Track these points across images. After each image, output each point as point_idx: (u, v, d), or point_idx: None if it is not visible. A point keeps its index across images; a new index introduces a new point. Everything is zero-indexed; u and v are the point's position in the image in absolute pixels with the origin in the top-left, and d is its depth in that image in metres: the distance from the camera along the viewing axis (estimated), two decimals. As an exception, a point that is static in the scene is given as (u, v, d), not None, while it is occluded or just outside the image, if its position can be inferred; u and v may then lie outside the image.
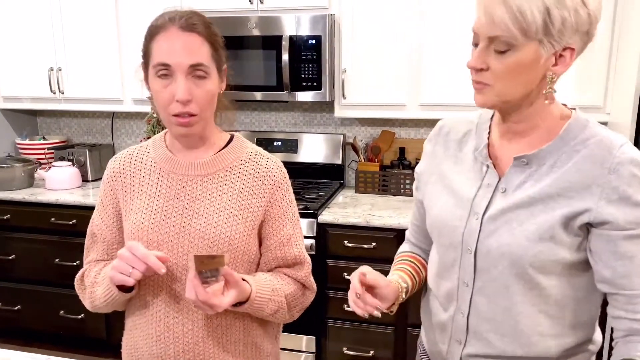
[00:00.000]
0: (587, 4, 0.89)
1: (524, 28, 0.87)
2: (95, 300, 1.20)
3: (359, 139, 3.06)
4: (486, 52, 0.92)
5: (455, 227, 1.05)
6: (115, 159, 1.26)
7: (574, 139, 0.97)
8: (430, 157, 1.17)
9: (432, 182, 1.14)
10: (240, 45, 2.66)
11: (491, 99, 0.96)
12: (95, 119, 3.47)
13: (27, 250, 2.92)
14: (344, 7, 2.60)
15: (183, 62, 1.06)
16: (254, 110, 3.20)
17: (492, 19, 0.88)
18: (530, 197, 0.97)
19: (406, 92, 2.60)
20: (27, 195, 2.86)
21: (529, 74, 0.92)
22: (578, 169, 0.95)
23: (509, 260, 0.98)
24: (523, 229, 0.97)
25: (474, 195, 1.04)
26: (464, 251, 1.05)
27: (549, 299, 1.00)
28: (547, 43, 0.89)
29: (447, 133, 1.14)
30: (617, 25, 2.30)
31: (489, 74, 0.93)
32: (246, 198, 1.18)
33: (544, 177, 0.97)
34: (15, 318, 3.03)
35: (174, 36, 1.07)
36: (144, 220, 1.17)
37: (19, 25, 3.04)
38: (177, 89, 1.07)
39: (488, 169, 1.04)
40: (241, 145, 1.24)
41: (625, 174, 0.91)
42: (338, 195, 2.89)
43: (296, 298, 1.24)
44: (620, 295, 0.96)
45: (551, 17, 0.87)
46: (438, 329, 1.16)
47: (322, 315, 2.57)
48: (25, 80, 3.10)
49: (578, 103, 2.39)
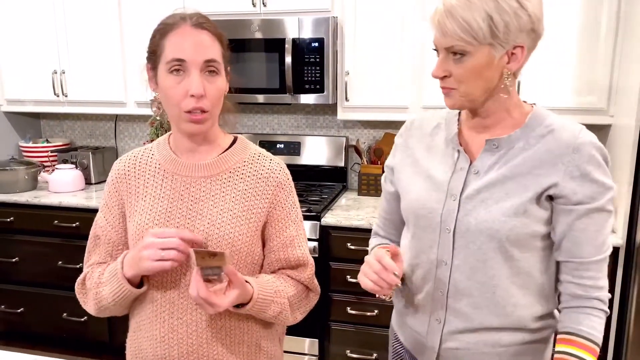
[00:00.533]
0: (526, 7, 1.00)
1: (473, 35, 0.99)
2: (102, 301, 1.19)
3: (362, 142, 3.06)
4: (446, 60, 1.05)
5: (433, 209, 1.14)
6: (120, 160, 1.27)
7: (539, 125, 1.09)
8: (402, 149, 1.26)
9: (407, 171, 1.23)
10: (243, 48, 2.67)
11: (458, 100, 1.08)
12: (98, 121, 3.48)
13: (30, 253, 2.93)
14: (347, 10, 2.60)
15: (198, 58, 1.09)
16: (256, 112, 3.20)
17: (445, 31, 1.01)
18: (503, 175, 1.08)
19: (409, 95, 2.60)
20: (30, 198, 2.87)
21: (487, 73, 1.04)
22: (545, 149, 1.07)
23: (486, 236, 1.08)
24: (499, 206, 1.07)
25: (449, 178, 1.14)
26: (442, 231, 1.13)
27: (521, 270, 1.10)
28: (497, 45, 1.01)
29: (418, 127, 1.25)
30: (620, 28, 2.29)
31: (452, 80, 1.06)
32: (249, 199, 1.19)
33: (514, 158, 1.08)
34: (18, 321, 3.04)
35: (187, 33, 1.09)
36: (148, 221, 1.17)
37: (23, 28, 3.05)
38: (191, 83, 1.08)
39: (459, 154, 1.14)
40: (244, 146, 1.25)
41: (586, 153, 1.04)
42: (341, 197, 2.89)
43: (300, 300, 1.24)
44: (570, 262, 1.08)
45: (494, 23, 0.99)
46: (415, 312, 1.23)
47: (325, 317, 2.57)
48: (28, 83, 3.11)
49: (581, 106, 2.40)
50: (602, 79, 2.36)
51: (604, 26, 2.32)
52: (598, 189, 1.05)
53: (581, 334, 1.06)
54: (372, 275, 1.11)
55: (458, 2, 0.99)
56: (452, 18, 1.00)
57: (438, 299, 1.17)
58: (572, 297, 1.09)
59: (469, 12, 0.98)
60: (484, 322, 1.14)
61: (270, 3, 2.68)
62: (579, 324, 1.07)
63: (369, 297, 2.45)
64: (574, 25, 2.35)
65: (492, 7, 0.98)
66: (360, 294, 2.47)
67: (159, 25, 1.13)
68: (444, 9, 1.01)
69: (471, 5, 0.98)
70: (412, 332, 1.27)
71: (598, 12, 2.31)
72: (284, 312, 1.20)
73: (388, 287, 1.11)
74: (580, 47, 2.36)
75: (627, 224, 2.17)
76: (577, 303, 1.09)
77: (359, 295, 2.49)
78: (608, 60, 2.34)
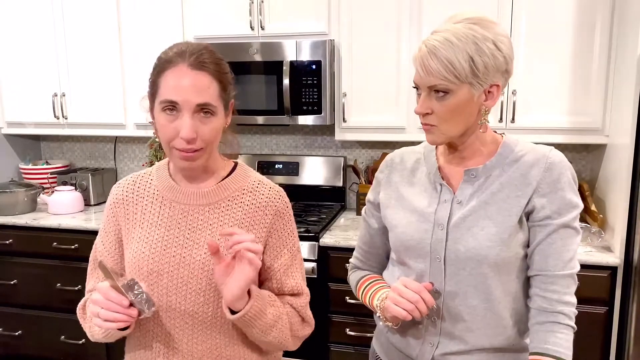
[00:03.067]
0: (501, 49, 1.07)
1: (456, 74, 1.05)
2: (94, 335, 1.18)
3: (360, 162, 3.08)
4: (429, 98, 1.10)
5: (421, 239, 1.18)
6: (119, 185, 1.26)
7: (511, 152, 1.16)
8: (385, 184, 1.30)
9: (392, 205, 1.26)
10: (242, 70, 2.70)
11: (439, 137, 1.13)
12: (98, 143, 3.50)
13: (29, 275, 2.92)
14: (343, 33, 2.64)
15: (190, 101, 1.05)
16: (255, 133, 3.23)
17: (430, 70, 1.06)
18: (484, 202, 1.14)
19: (405, 115, 2.62)
20: (29, 220, 2.87)
21: (466, 110, 1.10)
22: (520, 173, 1.13)
23: (475, 262, 1.13)
24: (485, 232, 1.12)
25: (435, 210, 1.18)
26: (432, 260, 1.17)
27: (508, 292, 1.15)
28: (476, 84, 1.07)
29: (399, 162, 1.30)
30: (614, 48, 2.33)
31: (434, 117, 1.11)
32: (247, 228, 1.18)
33: (491, 185, 1.14)
34: (16, 344, 3.01)
35: (183, 74, 1.06)
36: (144, 249, 1.16)
37: (24, 51, 3.09)
38: (182, 126, 1.06)
39: (442, 187, 1.19)
40: (244, 174, 1.23)
41: (556, 171, 1.11)
42: (339, 217, 2.90)
43: (294, 323, 1.20)
44: (537, 275, 1.13)
45: (475, 64, 1.05)
46: (406, 338, 1.25)
47: (325, 339, 2.55)
48: (29, 105, 3.14)
49: (576, 126, 2.42)
50: (596, 98, 2.39)
51: (597, 45, 2.36)
52: (566, 205, 1.11)
53: (548, 352, 1.09)
54: (408, 305, 1.12)
55: (441, 43, 1.05)
56: (436, 58, 1.05)
57: (431, 325, 1.20)
58: (538, 311, 1.13)
59: (452, 52, 1.04)
60: (476, 344, 1.17)
61: (268, 27, 2.72)
62: (545, 343, 1.10)
63: (368, 318, 2.44)
64: (568, 45, 2.39)
65: (473, 50, 1.04)
66: (360, 315, 2.46)
67: (158, 59, 1.11)
68: (427, 49, 1.06)
69: (454, 46, 1.04)
70: (400, 355, 1.28)
71: (592, 31, 2.35)
72: (280, 325, 1.15)
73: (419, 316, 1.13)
74: (575, 67, 2.39)
75: (624, 243, 2.17)
76: (543, 318, 1.12)
77: (358, 317, 2.48)
78: (602, 80, 2.37)
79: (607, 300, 2.21)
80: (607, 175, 2.43)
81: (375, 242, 1.35)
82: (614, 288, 2.20)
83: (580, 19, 2.36)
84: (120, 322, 1.03)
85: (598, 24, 2.34)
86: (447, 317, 1.18)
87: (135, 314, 1.04)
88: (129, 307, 1.04)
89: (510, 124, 2.47)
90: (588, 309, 2.20)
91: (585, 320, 2.22)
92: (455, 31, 1.05)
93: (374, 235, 1.35)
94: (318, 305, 1.31)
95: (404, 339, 1.26)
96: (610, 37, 2.33)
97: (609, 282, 2.19)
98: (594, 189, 2.64)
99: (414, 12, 2.54)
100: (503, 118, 2.48)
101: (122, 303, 1.02)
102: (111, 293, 1.02)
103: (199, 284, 1.14)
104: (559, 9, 2.37)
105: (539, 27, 2.41)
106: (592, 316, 2.22)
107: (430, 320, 1.20)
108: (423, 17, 2.53)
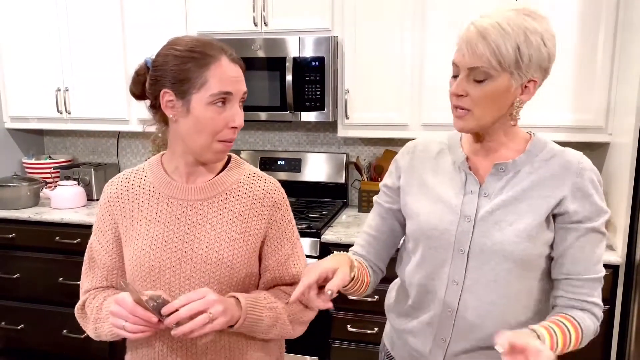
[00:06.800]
0: (547, 45, 1.07)
1: (500, 61, 1.03)
2: (101, 335, 1.19)
3: (362, 158, 3.07)
4: (466, 81, 1.08)
5: (446, 230, 1.16)
6: (112, 183, 1.25)
7: (540, 151, 1.15)
8: (407, 170, 1.27)
9: (414, 192, 1.24)
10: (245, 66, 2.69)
11: (470, 123, 1.11)
12: (101, 138, 3.51)
13: (31, 270, 2.93)
14: (347, 29, 2.64)
15: (241, 90, 1.14)
16: (258, 130, 3.23)
17: (475, 52, 1.05)
18: (513, 197, 1.12)
19: (408, 112, 2.62)
20: (32, 214, 2.88)
21: (502, 100, 1.08)
22: (551, 173, 1.13)
23: (500, 257, 1.11)
24: (513, 228, 1.11)
25: (461, 201, 1.16)
26: (455, 252, 1.16)
27: (526, 290, 1.15)
28: (517, 75, 1.06)
29: (422, 150, 1.27)
30: (617, 46, 2.32)
31: (468, 100, 1.09)
32: (246, 221, 1.19)
33: (522, 182, 1.13)
34: (19, 337, 3.03)
35: (230, 66, 1.12)
36: (145, 246, 1.16)
37: (27, 46, 3.09)
38: (235, 116, 1.12)
39: (468, 177, 1.18)
40: (239, 167, 1.25)
41: (587, 177, 1.12)
42: (341, 214, 2.90)
43: (295, 313, 1.21)
44: (566, 279, 1.12)
45: (521, 54, 1.04)
46: (418, 332, 1.23)
47: (326, 336, 2.56)
48: (32, 100, 3.14)
49: (578, 124, 2.42)
50: (599, 97, 2.38)
51: (601, 44, 2.35)
52: (597, 210, 1.11)
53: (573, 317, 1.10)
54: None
55: (492, 27, 1.03)
56: (485, 41, 1.03)
57: (445, 319, 1.19)
58: (565, 307, 1.13)
59: (501, 38, 1.03)
60: (488, 341, 1.15)
61: (271, 23, 2.72)
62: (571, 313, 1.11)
63: (370, 314, 2.45)
64: (571, 43, 2.38)
65: (522, 40, 1.03)
66: (361, 312, 2.47)
67: (194, 54, 1.10)
68: (476, 30, 1.05)
69: (504, 33, 1.03)
70: (411, 352, 1.27)
71: (596, 30, 2.35)
72: (281, 320, 1.17)
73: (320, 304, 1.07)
74: (578, 65, 2.39)
75: (626, 242, 2.17)
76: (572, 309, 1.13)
77: (360, 313, 2.48)
78: (606, 78, 2.36)
79: (609, 299, 2.20)
80: (610, 173, 2.43)
81: (385, 225, 1.32)
82: (616, 287, 2.20)
83: (585, 17, 2.35)
84: (147, 332, 1.06)
85: (602, 22, 2.33)
86: (462, 310, 1.16)
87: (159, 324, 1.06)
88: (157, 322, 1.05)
89: (513, 121, 2.47)
90: (589, 308, 2.21)
91: (586, 318, 2.23)
92: (508, 18, 1.04)
93: (386, 218, 1.31)
94: (319, 301, 1.30)
95: (415, 335, 1.25)
96: (615, 35, 2.32)
97: (610, 281, 2.19)
98: (597, 187, 2.64)
99: (417, 9, 2.53)
100: (506, 116, 2.47)
101: (150, 320, 1.04)
102: (138, 310, 1.03)
103: (201, 278, 1.15)
104: (563, 7, 2.37)
105: (543, 24, 2.40)
106: (594, 315, 2.22)
107: (446, 314, 1.18)
108: (427, 13, 2.52)
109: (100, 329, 1.18)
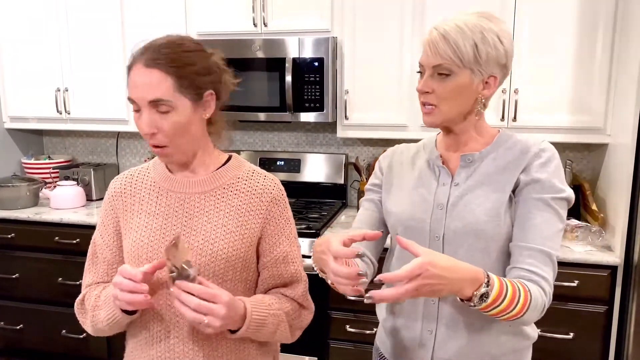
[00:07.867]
0: (503, 42, 1.16)
1: (461, 58, 1.13)
2: (97, 324, 1.20)
3: (361, 159, 3.08)
4: (431, 79, 1.17)
5: (421, 219, 1.24)
6: (117, 179, 1.29)
7: (505, 142, 1.24)
8: (387, 170, 1.37)
9: (392, 190, 1.33)
10: (245, 67, 2.70)
11: (437, 117, 1.20)
12: (100, 138, 3.51)
13: (31, 270, 2.93)
14: (346, 30, 2.64)
15: (144, 98, 1.10)
16: (257, 130, 3.23)
17: (437, 51, 1.15)
18: (479, 181, 1.21)
19: (407, 113, 2.63)
20: (31, 215, 2.88)
21: (464, 94, 1.17)
22: (513, 157, 1.21)
23: (473, 237, 1.18)
24: (481, 208, 1.18)
25: (434, 192, 1.25)
26: (432, 239, 1.23)
27: (504, 269, 1.18)
28: (477, 71, 1.15)
29: (401, 152, 1.38)
30: (616, 47, 2.33)
31: (433, 96, 1.18)
32: (243, 215, 1.20)
33: (487, 167, 1.22)
34: (18, 337, 3.03)
35: (138, 73, 1.11)
36: (143, 238, 1.18)
37: (27, 46, 3.09)
38: (141, 123, 1.12)
39: (441, 171, 1.26)
40: (239, 164, 1.26)
41: (545, 157, 1.18)
42: (340, 214, 2.90)
43: (294, 318, 1.24)
44: (516, 246, 1.16)
45: (479, 51, 1.14)
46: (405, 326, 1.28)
47: (325, 336, 2.56)
48: (31, 100, 3.15)
49: (577, 125, 2.42)
50: (598, 98, 2.39)
51: (600, 44, 2.36)
52: (550, 187, 1.16)
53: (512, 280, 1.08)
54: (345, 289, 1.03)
55: (452, 29, 1.15)
56: (445, 41, 1.14)
57: (429, 309, 1.24)
58: (517, 278, 1.12)
59: (460, 38, 1.13)
60: (473, 327, 1.20)
61: (271, 23, 2.72)
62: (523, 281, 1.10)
63: (368, 315, 2.45)
64: (570, 44, 2.39)
65: (479, 38, 1.14)
66: (360, 312, 2.47)
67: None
68: (438, 32, 1.16)
69: (463, 33, 1.14)
70: (401, 348, 1.30)
71: (594, 30, 2.35)
72: (283, 325, 1.19)
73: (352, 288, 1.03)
74: (577, 66, 2.39)
75: (624, 242, 2.18)
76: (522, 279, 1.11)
77: (358, 313, 2.49)
78: (604, 79, 2.37)
79: (607, 300, 2.21)
80: (608, 174, 2.43)
81: (373, 218, 1.36)
82: (614, 287, 2.21)
83: (583, 18, 2.36)
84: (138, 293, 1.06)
85: (601, 23, 2.34)
86: (443, 298, 1.20)
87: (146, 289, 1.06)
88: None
89: (512, 122, 2.47)
90: (588, 308, 2.21)
91: (585, 319, 2.23)
92: (466, 20, 1.15)
93: (374, 211, 1.36)
94: (318, 302, 1.32)
95: (402, 330, 1.29)
96: (613, 36, 2.33)
97: (609, 281, 2.19)
98: (595, 188, 2.64)
99: (417, 10, 2.54)
100: (505, 117, 2.48)
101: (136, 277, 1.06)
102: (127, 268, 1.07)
103: None
104: (561, 8, 2.37)
105: (542, 26, 2.41)
106: (592, 315, 2.22)
107: (429, 304, 1.23)
108: (426, 14, 2.53)
109: (97, 316, 1.19)
